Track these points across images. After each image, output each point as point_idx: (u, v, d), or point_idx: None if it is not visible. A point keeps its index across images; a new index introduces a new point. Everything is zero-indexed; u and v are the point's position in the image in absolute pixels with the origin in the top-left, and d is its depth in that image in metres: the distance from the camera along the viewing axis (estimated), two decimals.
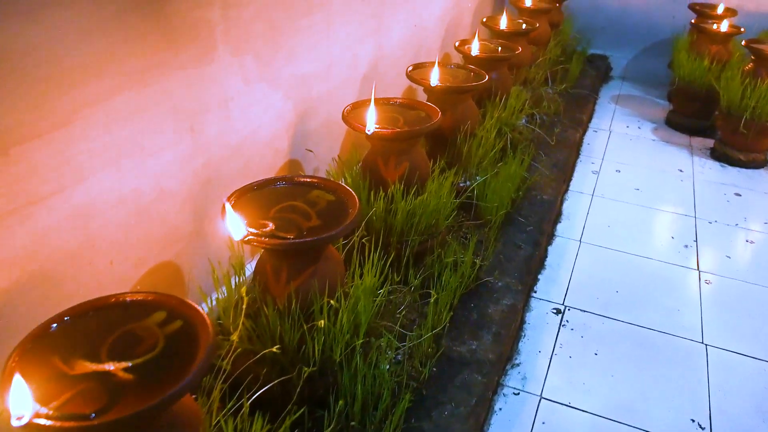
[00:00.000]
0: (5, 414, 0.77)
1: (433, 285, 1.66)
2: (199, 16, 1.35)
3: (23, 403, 0.78)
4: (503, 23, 2.80)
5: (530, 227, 2.13)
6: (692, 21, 3.36)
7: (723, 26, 3.19)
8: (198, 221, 1.48)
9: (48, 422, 0.78)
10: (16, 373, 0.82)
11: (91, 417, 0.80)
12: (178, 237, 1.43)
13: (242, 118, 1.57)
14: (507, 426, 1.52)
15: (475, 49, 2.38)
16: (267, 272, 1.28)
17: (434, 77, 1.98)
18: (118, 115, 1.19)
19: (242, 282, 1.36)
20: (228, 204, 1.25)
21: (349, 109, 1.73)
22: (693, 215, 2.50)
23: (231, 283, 1.36)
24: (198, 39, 1.36)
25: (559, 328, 1.83)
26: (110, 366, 0.88)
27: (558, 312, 1.90)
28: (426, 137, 2.07)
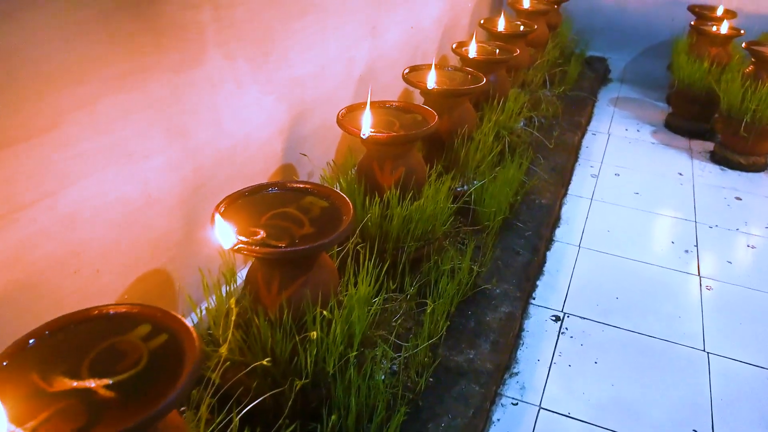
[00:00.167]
0: None
1: (430, 293, 1.62)
2: (189, 18, 1.31)
3: None
4: (501, 25, 2.77)
5: (529, 232, 2.10)
6: (692, 23, 3.33)
7: (723, 28, 3.16)
8: (188, 228, 1.44)
9: None
10: None
11: None
12: (168, 244, 1.39)
13: (234, 122, 1.53)
14: None
15: (473, 51, 2.34)
16: (258, 281, 1.24)
17: (431, 80, 1.95)
18: (104, 120, 1.15)
19: (233, 291, 1.32)
20: (218, 211, 1.22)
21: (344, 113, 1.69)
22: (693, 219, 2.47)
23: (222, 292, 1.33)
24: (187, 41, 1.32)
25: (558, 336, 1.80)
26: (91, 383, 0.84)
27: (557, 319, 1.86)
28: (423, 141, 2.03)
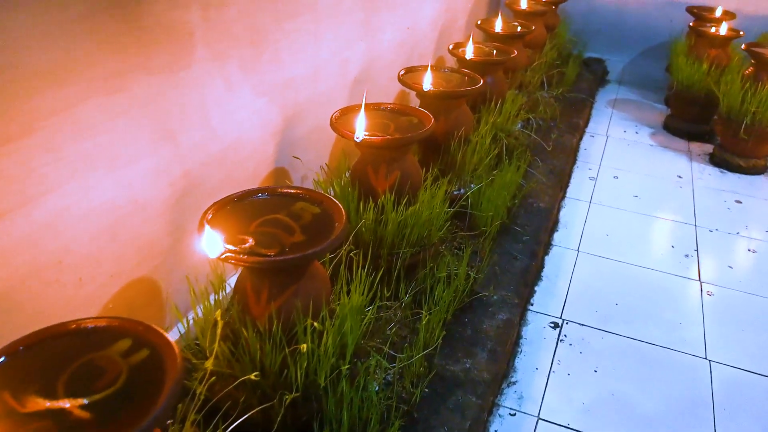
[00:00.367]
0: None
1: (426, 300, 1.58)
2: (176, 18, 1.26)
3: None
4: (498, 26, 2.73)
5: (526, 237, 2.06)
6: (690, 24, 3.30)
7: (722, 29, 3.13)
8: (176, 234, 1.40)
9: None
10: None
11: None
12: (155, 252, 1.35)
13: (224, 125, 1.49)
14: None
15: (470, 53, 2.30)
16: (247, 291, 1.20)
17: (427, 82, 1.90)
18: (87, 124, 1.11)
19: (221, 301, 1.28)
20: (205, 218, 1.17)
21: (338, 115, 1.65)
22: (693, 223, 2.43)
23: (210, 301, 1.28)
24: (175, 42, 1.28)
25: (557, 344, 1.76)
26: (66, 403, 0.80)
27: (555, 326, 1.82)
28: (418, 144, 1.99)
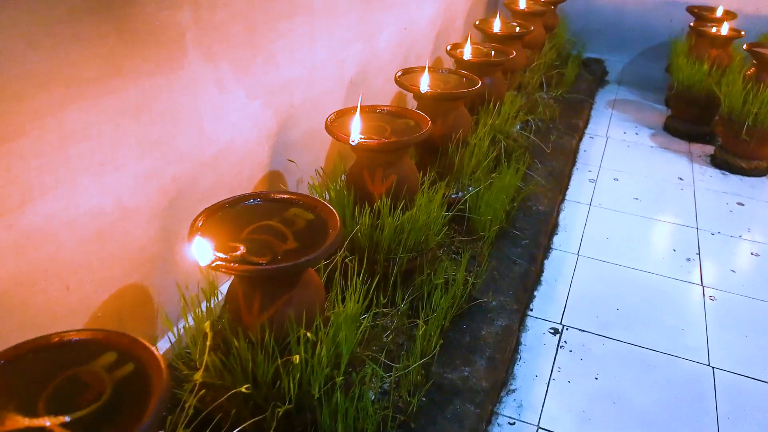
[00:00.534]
0: None
1: (423, 307, 1.55)
2: (166, 19, 1.23)
3: None
4: (497, 26, 2.70)
5: (526, 240, 2.02)
6: (691, 24, 3.27)
7: (723, 30, 3.10)
8: (167, 241, 1.36)
9: None
10: None
11: None
12: (145, 258, 1.32)
13: (217, 128, 1.46)
14: None
15: (468, 53, 2.27)
16: (238, 299, 1.17)
17: (424, 83, 1.87)
18: (73, 128, 1.08)
19: (211, 310, 1.24)
20: (195, 225, 1.14)
21: (333, 118, 1.62)
22: (695, 226, 2.40)
23: (201, 310, 1.25)
24: (165, 43, 1.24)
25: (557, 350, 1.72)
26: (46, 421, 0.76)
27: (555, 332, 1.79)
28: (415, 147, 1.96)
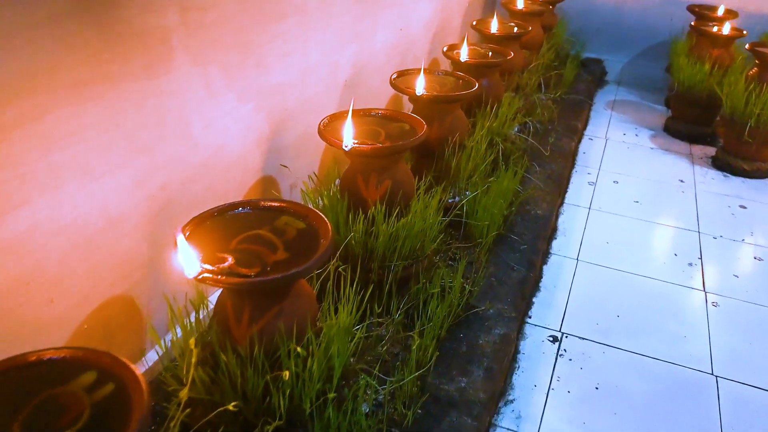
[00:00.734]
0: None
1: (418, 316, 1.51)
2: (152, 22, 1.19)
3: None
4: (494, 27, 2.66)
5: (524, 246, 1.99)
6: (692, 23, 3.23)
7: (725, 29, 3.06)
8: (155, 250, 1.33)
9: None
10: None
11: None
12: (132, 268, 1.28)
13: (206, 134, 1.42)
14: None
15: (465, 55, 2.23)
16: (227, 312, 1.13)
17: (420, 86, 1.83)
18: (56, 135, 1.04)
19: (198, 324, 1.21)
20: (181, 235, 1.10)
21: (326, 122, 1.58)
22: (696, 230, 2.36)
23: (191, 320, 1.21)
24: (151, 47, 1.20)
25: (556, 359, 1.69)
26: None
27: (555, 340, 1.75)
28: (411, 151, 1.92)
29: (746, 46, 2.84)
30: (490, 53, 2.38)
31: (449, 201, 1.91)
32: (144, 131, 1.23)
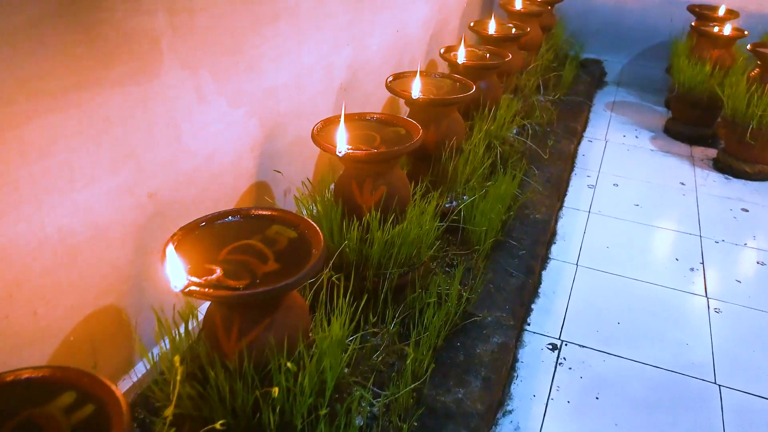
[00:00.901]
0: None
1: (414, 325, 1.48)
2: (139, 25, 1.16)
3: None
4: (492, 28, 2.63)
5: (523, 251, 1.95)
6: (693, 24, 3.20)
7: (726, 29, 3.02)
8: (144, 259, 1.29)
9: None
10: None
11: None
12: (120, 279, 1.25)
13: (196, 140, 1.38)
14: None
15: (462, 57, 2.20)
16: (216, 324, 1.10)
17: (416, 89, 1.80)
18: (38, 144, 1.01)
19: (190, 331, 1.17)
20: (169, 247, 1.07)
21: (320, 127, 1.55)
22: (698, 234, 2.33)
23: (180, 332, 1.18)
24: (138, 51, 1.17)
25: (556, 368, 1.65)
26: None
27: (554, 348, 1.72)
28: (407, 155, 1.89)
29: (747, 47, 2.80)
30: (488, 55, 2.35)
31: (446, 206, 1.87)
32: (131, 138, 1.19)
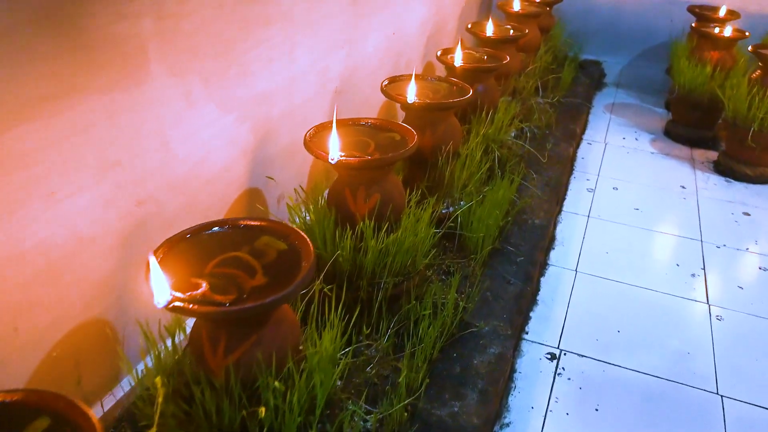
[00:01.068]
0: None
1: (409, 336, 1.44)
2: (123, 31, 1.12)
3: None
4: (489, 29, 2.59)
5: (521, 257, 1.92)
6: (693, 24, 3.16)
7: (726, 30, 2.99)
8: (130, 271, 1.26)
9: None
10: None
11: None
12: (105, 292, 1.21)
13: (185, 147, 1.35)
14: None
15: (459, 59, 2.16)
16: (202, 341, 1.06)
17: (411, 93, 1.76)
18: (16, 154, 0.97)
19: (177, 346, 1.14)
20: (153, 260, 1.03)
21: (313, 133, 1.51)
22: (699, 238, 2.29)
23: (167, 346, 1.15)
24: (123, 57, 1.13)
25: (554, 378, 1.62)
26: None
27: (553, 357, 1.68)
28: (403, 160, 1.85)
29: (749, 48, 2.77)
30: (486, 57, 2.31)
31: (443, 212, 1.84)
32: (116, 146, 1.16)
